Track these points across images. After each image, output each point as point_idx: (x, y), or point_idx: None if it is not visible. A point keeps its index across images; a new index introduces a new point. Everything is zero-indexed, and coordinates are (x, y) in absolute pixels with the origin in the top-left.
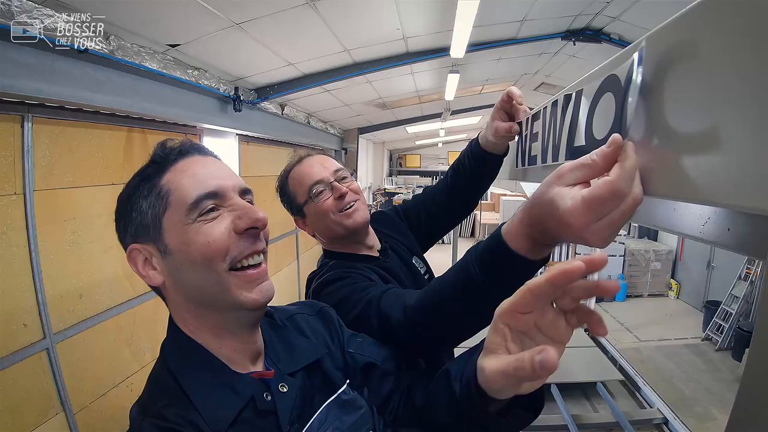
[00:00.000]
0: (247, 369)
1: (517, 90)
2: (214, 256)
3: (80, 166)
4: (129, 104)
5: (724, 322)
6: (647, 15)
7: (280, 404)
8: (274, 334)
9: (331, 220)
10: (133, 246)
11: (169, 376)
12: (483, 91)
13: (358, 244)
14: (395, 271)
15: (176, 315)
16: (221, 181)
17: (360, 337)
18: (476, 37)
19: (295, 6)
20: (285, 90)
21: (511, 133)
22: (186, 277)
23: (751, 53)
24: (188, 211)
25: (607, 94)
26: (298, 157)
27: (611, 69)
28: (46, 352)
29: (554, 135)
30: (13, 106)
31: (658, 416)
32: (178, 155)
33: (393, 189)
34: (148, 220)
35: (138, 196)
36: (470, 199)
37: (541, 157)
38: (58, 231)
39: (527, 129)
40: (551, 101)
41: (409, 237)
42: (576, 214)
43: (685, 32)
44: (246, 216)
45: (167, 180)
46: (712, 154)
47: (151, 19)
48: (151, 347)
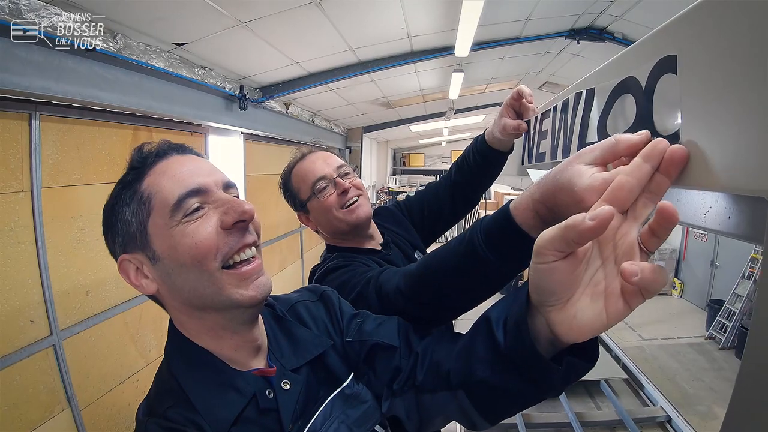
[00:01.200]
0: (249, 366)
1: (526, 88)
2: (204, 256)
3: (87, 164)
4: (136, 102)
5: (727, 321)
6: (651, 13)
7: (282, 401)
8: (277, 328)
9: (334, 216)
10: (123, 257)
11: (172, 378)
12: (487, 90)
13: (360, 238)
14: (397, 263)
15: (175, 319)
16: (202, 177)
17: (360, 316)
18: (480, 36)
19: (301, 5)
20: (290, 89)
21: (519, 130)
22: (178, 282)
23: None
24: (172, 212)
25: (626, 96)
26: (301, 153)
27: (628, 70)
28: (52, 348)
29: (565, 132)
30: (21, 104)
31: (662, 414)
32: (156, 158)
33: (396, 188)
34: (133, 228)
35: (121, 205)
36: (473, 195)
37: (550, 153)
38: (65, 228)
39: (535, 127)
40: (561, 101)
41: (411, 232)
42: (592, 192)
43: (700, 30)
44: (232, 210)
45: (147, 184)
46: (731, 142)
47: (157, 18)
48: (157, 344)
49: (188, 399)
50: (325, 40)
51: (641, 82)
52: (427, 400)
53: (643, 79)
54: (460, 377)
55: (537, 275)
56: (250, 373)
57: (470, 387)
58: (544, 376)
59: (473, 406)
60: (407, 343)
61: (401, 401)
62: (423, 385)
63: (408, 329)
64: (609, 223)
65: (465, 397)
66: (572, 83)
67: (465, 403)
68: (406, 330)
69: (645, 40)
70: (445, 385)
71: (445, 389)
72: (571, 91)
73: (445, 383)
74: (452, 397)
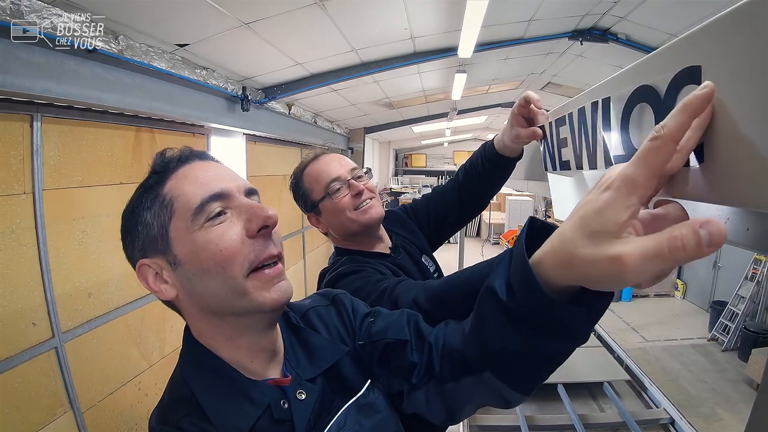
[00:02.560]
0: (265, 376)
1: (533, 94)
2: (230, 263)
3: (89, 166)
4: (137, 104)
5: (730, 322)
6: (655, 15)
7: (296, 412)
8: (293, 337)
9: (347, 217)
10: (142, 261)
11: (186, 386)
12: (489, 91)
13: (370, 240)
14: (407, 268)
15: (192, 326)
16: (225, 183)
17: (371, 315)
18: (484, 36)
19: (304, 6)
20: (292, 89)
21: (535, 138)
22: (199, 287)
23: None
24: (194, 216)
25: (644, 106)
26: (314, 154)
27: (645, 78)
28: (54, 350)
29: (588, 142)
30: (22, 106)
31: (665, 416)
32: (178, 162)
33: (399, 188)
34: (154, 231)
35: (141, 209)
36: (481, 200)
37: (575, 162)
38: (67, 230)
39: (551, 133)
40: (576, 108)
41: (419, 236)
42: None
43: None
44: (255, 216)
45: (170, 187)
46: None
47: (159, 19)
48: (159, 346)
49: (201, 408)
50: (328, 41)
51: (660, 92)
52: (451, 389)
53: (661, 89)
54: (478, 357)
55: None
56: (265, 383)
57: (492, 364)
58: (564, 323)
59: (502, 383)
60: (418, 333)
61: (422, 393)
62: (442, 375)
63: (417, 319)
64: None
65: (492, 377)
66: (575, 84)
67: (494, 383)
68: (415, 320)
69: (665, 48)
70: (467, 370)
71: (467, 374)
72: (587, 98)
73: (465, 368)
74: (478, 380)
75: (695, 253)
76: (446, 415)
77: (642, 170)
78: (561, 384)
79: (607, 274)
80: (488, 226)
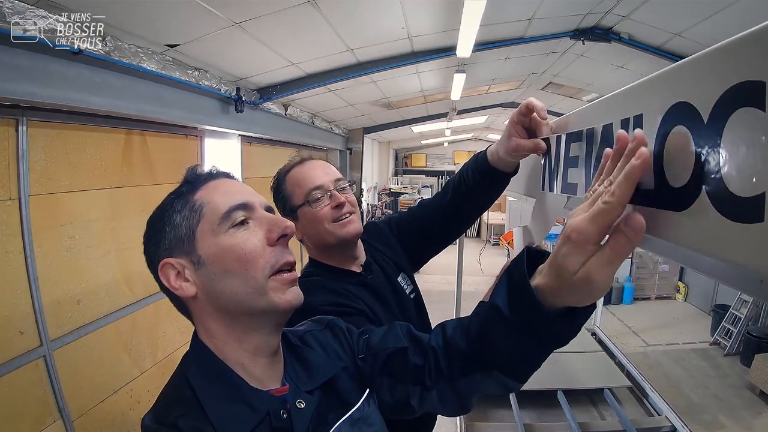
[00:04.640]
0: (267, 385)
1: (537, 102)
2: (253, 265)
3: (77, 170)
4: (126, 106)
5: (732, 326)
6: (657, 14)
7: (296, 421)
8: (292, 355)
9: (324, 228)
10: (166, 260)
11: (188, 387)
12: (489, 91)
13: (344, 258)
14: (378, 288)
15: (202, 327)
16: (249, 197)
17: (365, 333)
18: (483, 36)
19: (295, 5)
20: (288, 90)
21: (538, 151)
22: (219, 286)
23: None
24: (221, 221)
25: (679, 128)
26: (300, 158)
27: (679, 94)
28: (43, 359)
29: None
30: (6, 110)
31: (666, 424)
32: (209, 176)
33: (398, 189)
34: (182, 232)
35: (172, 212)
36: (469, 217)
37: (585, 188)
38: (54, 236)
39: (556, 148)
40: (602, 124)
41: (398, 251)
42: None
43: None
44: (276, 226)
45: (200, 195)
46: None
47: (148, 19)
48: (151, 352)
49: (202, 409)
50: (323, 41)
51: (701, 114)
52: (462, 385)
53: (705, 110)
54: (487, 360)
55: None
56: (266, 393)
57: (502, 366)
58: (562, 332)
59: (509, 378)
60: (414, 339)
61: (435, 393)
62: (452, 373)
63: (410, 329)
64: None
65: (500, 374)
66: (576, 84)
67: (501, 378)
68: (408, 329)
69: (705, 56)
70: (476, 368)
71: (477, 372)
72: (604, 108)
73: (474, 367)
74: (487, 375)
75: (631, 247)
76: (459, 408)
77: (594, 227)
78: (561, 390)
79: (585, 292)
80: (488, 227)
